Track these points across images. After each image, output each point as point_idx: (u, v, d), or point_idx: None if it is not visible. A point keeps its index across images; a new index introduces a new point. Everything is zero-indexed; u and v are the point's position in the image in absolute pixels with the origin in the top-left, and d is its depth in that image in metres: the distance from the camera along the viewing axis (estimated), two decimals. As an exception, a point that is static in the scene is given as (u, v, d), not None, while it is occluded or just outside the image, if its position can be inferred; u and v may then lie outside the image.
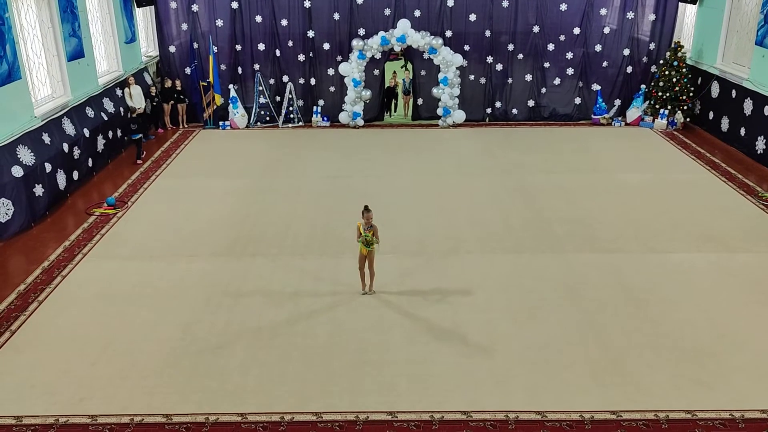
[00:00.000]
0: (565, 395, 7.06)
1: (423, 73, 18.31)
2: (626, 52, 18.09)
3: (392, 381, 7.31)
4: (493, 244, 10.79)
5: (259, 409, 6.87)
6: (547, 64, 18.24)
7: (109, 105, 15.35)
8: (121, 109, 15.90)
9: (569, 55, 18.13)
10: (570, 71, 18.27)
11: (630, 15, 17.79)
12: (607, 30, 17.99)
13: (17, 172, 11.08)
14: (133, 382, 7.32)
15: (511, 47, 18.09)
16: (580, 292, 9.22)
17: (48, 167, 12.04)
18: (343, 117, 18.03)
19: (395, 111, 19.31)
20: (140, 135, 15.34)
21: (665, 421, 6.67)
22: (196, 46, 17.97)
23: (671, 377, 7.35)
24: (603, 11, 17.85)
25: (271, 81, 18.37)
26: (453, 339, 8.10)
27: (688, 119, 17.65)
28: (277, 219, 11.78)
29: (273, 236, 11.06)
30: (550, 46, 18.06)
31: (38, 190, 11.63)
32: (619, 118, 18.29)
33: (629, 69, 18.26)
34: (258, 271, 9.83)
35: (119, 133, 15.67)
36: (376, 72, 18.22)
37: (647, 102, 18.01)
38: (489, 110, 18.61)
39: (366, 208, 8.83)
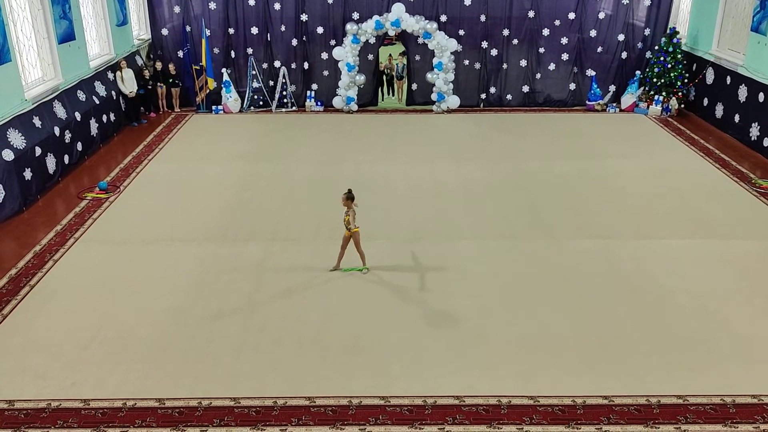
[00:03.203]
0: (557, 380, 7.07)
1: (417, 58, 18.21)
2: (621, 37, 18.04)
3: (385, 366, 7.32)
4: (487, 229, 10.78)
5: (251, 393, 6.87)
6: (542, 50, 18.17)
7: (100, 88, 15.23)
8: (113, 92, 15.77)
9: (564, 41, 18.06)
10: (565, 57, 18.21)
11: (625, 0, 17.71)
12: (602, 15, 17.92)
13: (8, 155, 10.99)
14: (125, 366, 7.30)
15: (506, 32, 18.00)
16: (573, 278, 9.23)
17: (38, 151, 11.95)
18: (336, 102, 17.95)
19: (391, 94, 19.21)
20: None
21: (657, 406, 6.70)
22: (188, 29, 17.81)
23: (663, 363, 7.37)
24: (598, -4, 17.79)
25: (264, 65, 18.24)
26: (446, 324, 8.11)
27: (682, 105, 17.64)
28: (270, 204, 11.73)
29: (266, 221, 11.02)
30: (545, 32, 17.98)
31: (29, 174, 11.54)
32: (614, 104, 18.26)
33: (624, 55, 18.20)
34: (251, 256, 9.79)
35: (112, 117, 15.55)
36: (371, 57, 18.11)
37: (642, 88, 17.98)
38: (483, 96, 18.55)
39: (346, 193, 9.00)
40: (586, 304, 8.54)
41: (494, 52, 18.19)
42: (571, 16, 17.83)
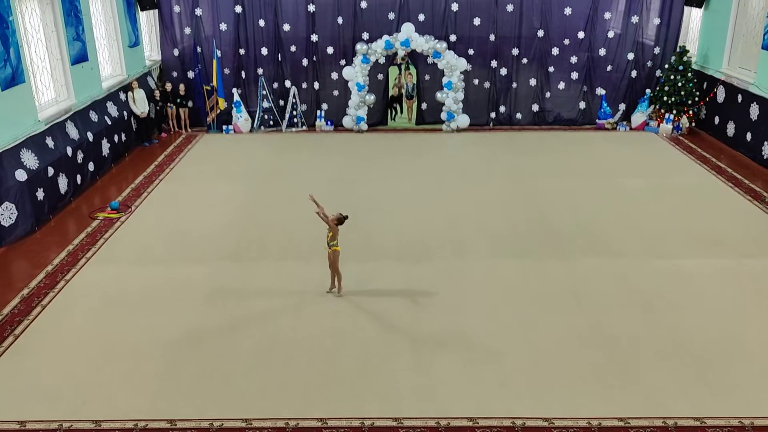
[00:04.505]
0: (572, 402, 6.99)
1: (427, 77, 18.28)
2: (631, 56, 18.05)
3: (397, 387, 7.25)
4: (498, 248, 10.73)
5: (263, 414, 6.82)
6: (551, 69, 18.19)
7: (112, 109, 15.34)
8: (125, 113, 15.89)
9: (573, 60, 18.09)
10: (574, 76, 18.23)
11: (635, 19, 17.75)
12: (611, 34, 17.95)
13: (21, 175, 11.06)
14: (136, 387, 7.27)
15: (515, 52, 18.05)
16: (586, 297, 9.15)
17: (51, 171, 12.02)
18: (346, 121, 18.01)
19: (400, 113, 19.26)
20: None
21: (674, 428, 6.60)
22: (199, 50, 17.96)
23: (679, 384, 7.28)
24: (607, 15, 17.81)
25: (275, 85, 18.35)
26: (458, 344, 8.04)
27: (693, 124, 17.59)
28: (280, 223, 11.73)
29: (276, 241, 11.01)
30: (555, 51, 18.02)
31: (41, 194, 11.60)
32: (624, 123, 18.24)
33: (634, 73, 18.20)
34: (261, 276, 9.78)
35: (123, 138, 15.66)
36: (380, 76, 18.20)
37: (652, 106, 17.96)
38: (493, 115, 18.57)
39: (339, 216, 9.02)
40: (600, 324, 8.46)
41: (504, 71, 18.23)
42: (581, 35, 17.88)
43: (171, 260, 10.32)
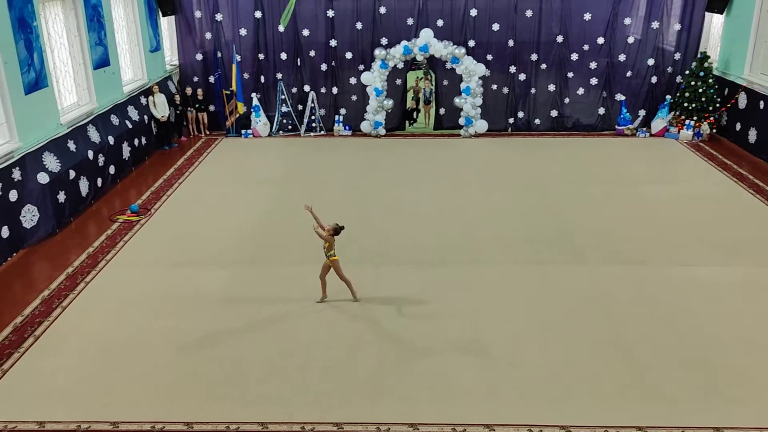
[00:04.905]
0: (589, 410, 6.94)
1: (445, 82, 18.28)
2: (651, 62, 17.91)
3: (414, 392, 7.24)
4: (515, 255, 10.68)
5: (279, 418, 6.83)
6: (570, 74, 18.11)
7: (133, 113, 15.50)
8: (146, 117, 16.05)
9: (593, 65, 17.99)
10: (594, 81, 18.13)
11: (655, 25, 17.62)
12: (631, 40, 17.83)
13: (43, 178, 11.20)
14: (154, 389, 7.32)
15: (534, 57, 18.00)
16: (605, 304, 9.08)
17: (72, 174, 12.16)
18: (364, 126, 18.04)
19: (417, 119, 19.26)
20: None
21: (693, 438, 6.53)
22: (219, 54, 18.11)
23: (699, 393, 7.19)
24: (627, 21, 17.69)
25: (294, 90, 18.44)
26: (475, 351, 8.01)
27: (714, 130, 17.42)
28: (298, 228, 11.72)
29: (294, 245, 11.04)
30: (574, 56, 17.94)
31: (62, 196, 11.74)
32: (644, 129, 18.10)
33: (654, 79, 18.07)
34: (279, 280, 9.81)
35: (144, 141, 15.81)
36: (399, 81, 18.22)
37: (673, 112, 17.81)
38: (511, 120, 18.51)
39: (335, 227, 8.96)
40: (618, 332, 8.39)
41: (522, 76, 18.18)
42: (600, 40, 17.78)
43: (190, 263, 10.39)
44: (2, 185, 10.32)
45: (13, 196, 10.60)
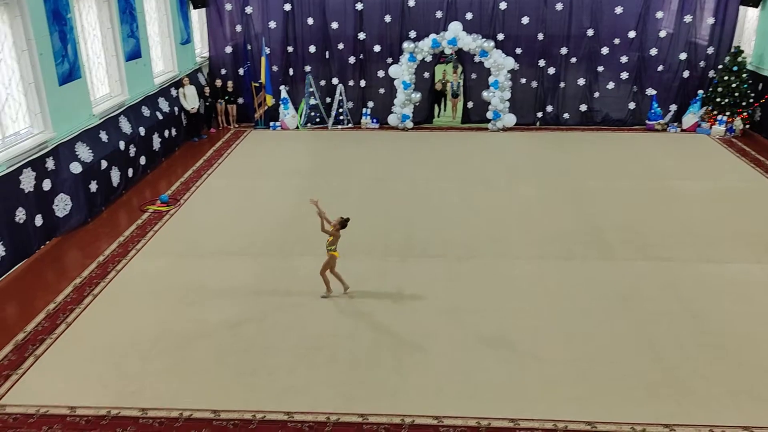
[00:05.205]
0: (616, 406, 6.89)
1: (474, 76, 18.19)
2: (683, 56, 17.63)
3: (438, 386, 7.25)
4: (543, 249, 10.62)
5: (305, 408, 6.89)
6: (600, 68, 17.90)
7: (164, 104, 15.68)
8: (176, 108, 16.22)
9: (624, 59, 17.76)
10: (624, 75, 17.90)
11: (688, 18, 17.33)
12: (663, 34, 17.57)
13: (75, 168, 11.40)
14: (182, 377, 7.43)
15: (564, 51, 17.82)
16: (633, 301, 8.99)
17: (104, 164, 12.35)
18: (392, 119, 18.04)
19: (444, 110, 19.20)
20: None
21: (721, 437, 6.46)
22: (249, 47, 18.23)
23: (728, 392, 7.10)
24: (659, 14, 17.43)
25: (322, 82, 18.49)
26: (500, 345, 8.00)
27: (747, 126, 17.11)
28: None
29: (321, 237, 11.04)
30: (605, 50, 17.73)
31: (94, 186, 11.94)
32: (675, 124, 17.84)
33: (686, 74, 17.79)
34: (306, 272, 9.86)
35: (174, 133, 15.99)
36: (426, 74, 18.18)
37: (705, 107, 17.53)
38: (540, 114, 18.38)
39: (341, 220, 8.97)
40: (647, 329, 8.31)
41: (552, 70, 18.02)
42: (631, 34, 17.55)
43: (218, 254, 10.51)
44: (36, 174, 10.53)
45: (46, 185, 10.81)
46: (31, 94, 10.91)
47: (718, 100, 17.05)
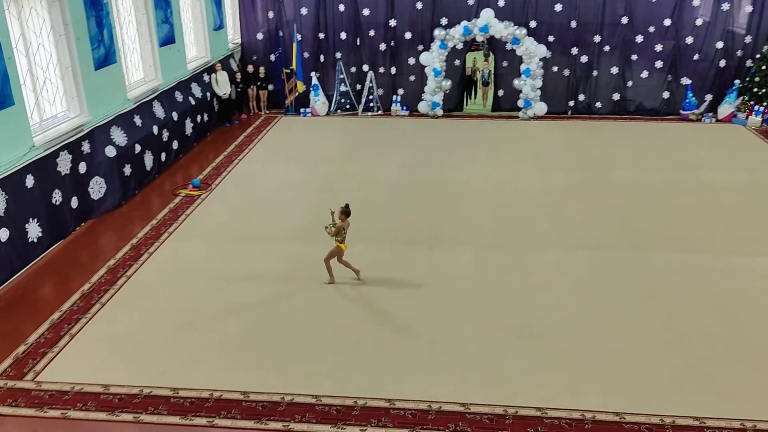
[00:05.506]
0: (644, 398, 6.84)
1: (505, 64, 18.04)
2: (720, 45, 17.29)
3: (465, 373, 7.27)
4: (572, 239, 10.55)
5: (332, 392, 6.97)
6: (634, 57, 17.65)
7: (196, 90, 15.84)
8: (208, 94, 16.37)
9: (658, 48, 17.48)
10: (659, 64, 17.62)
11: (725, 6, 16.97)
12: (699, 22, 17.23)
13: (110, 152, 11.59)
14: (212, 358, 7.55)
15: (597, 39, 17.59)
16: (662, 292, 8.90)
17: (138, 148, 12.54)
18: (422, 106, 18.00)
19: (474, 99, 19.09)
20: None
21: (752, 430, 6.38)
22: (281, 33, 18.30)
23: (760, 387, 7.01)
24: (696, 2, 17.09)
25: (353, 69, 18.51)
26: (528, 334, 7.99)
27: (785, 117, 16.76)
28: (353, 206, 11.84)
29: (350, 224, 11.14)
30: (639, 38, 17.46)
31: (128, 169, 12.13)
32: (710, 114, 17.53)
33: (722, 63, 17.44)
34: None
35: (206, 118, 16.16)
36: (457, 62, 18.09)
37: (741, 98, 17.18)
38: (572, 103, 18.19)
39: (343, 207, 9.03)
40: (676, 320, 8.23)
41: (584, 58, 17.80)
42: (667, 22, 17.24)
43: (248, 239, 10.62)
44: (72, 157, 10.74)
45: (82, 168, 11.03)
46: (68, 78, 11.11)
47: (755, 90, 16.71)
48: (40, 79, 10.51)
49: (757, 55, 16.97)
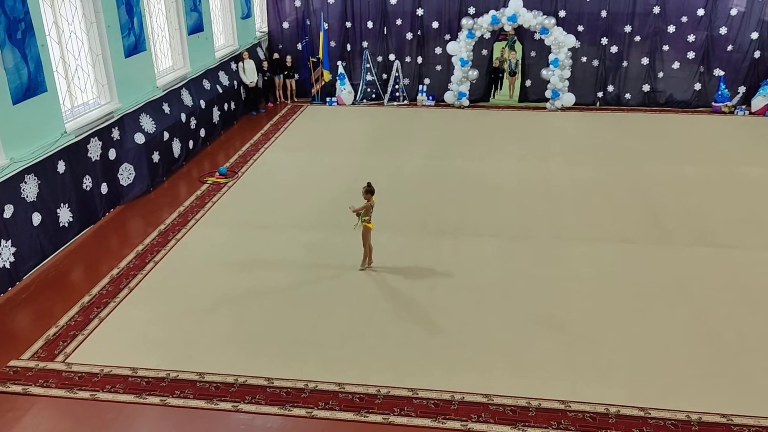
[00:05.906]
0: (670, 393, 6.78)
1: (533, 54, 17.87)
2: (754, 35, 16.93)
3: (490, 364, 7.26)
4: (599, 231, 10.45)
5: (356, 380, 7.00)
6: (666, 47, 17.36)
7: (224, 78, 15.93)
8: (235, 82, 16.45)
9: (691, 38, 17.17)
10: (691, 55, 17.31)
11: (761, -4, 16.64)
12: (734, 12, 16.88)
13: (139, 138, 11.72)
14: (238, 344, 7.64)
15: (628, 29, 17.33)
16: (691, 287, 8.80)
17: (166, 135, 12.66)
18: (448, 96, 17.91)
19: (501, 89, 18.94)
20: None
21: (780, 429, 6.30)
22: (308, 22, 18.31)
23: (789, 384, 6.92)
24: (731, -8, 16.79)
25: (379, 58, 18.46)
26: (553, 326, 7.95)
27: (821, 110, 16.40)
28: (378, 196, 11.85)
29: (374, 213, 11.13)
30: (671, 28, 17.17)
31: (156, 156, 12.26)
32: (743, 107, 17.20)
33: (757, 54, 17.08)
34: (359, 248, 9.93)
35: (233, 106, 16.25)
36: (485, 52, 17.95)
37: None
38: (601, 94, 17.96)
39: (365, 187, 9.09)
40: (704, 316, 8.13)
41: (614, 48, 17.55)
42: (700, 12, 16.93)
43: (274, 226, 10.69)
44: (102, 144, 10.88)
45: (112, 154, 11.17)
46: (99, 66, 11.24)
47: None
48: (72, 66, 10.64)
49: (794, 47, 16.61)
